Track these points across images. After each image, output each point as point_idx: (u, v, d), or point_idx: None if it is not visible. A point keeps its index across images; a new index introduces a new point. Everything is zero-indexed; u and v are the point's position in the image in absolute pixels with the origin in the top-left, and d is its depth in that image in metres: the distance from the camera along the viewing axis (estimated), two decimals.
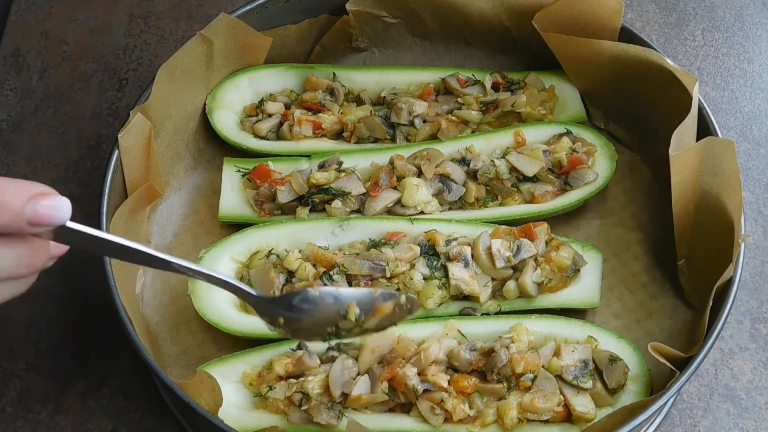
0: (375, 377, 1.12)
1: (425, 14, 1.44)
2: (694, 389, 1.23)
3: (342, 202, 1.29)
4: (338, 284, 1.20)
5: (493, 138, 1.35)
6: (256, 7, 1.37)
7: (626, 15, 1.54)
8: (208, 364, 1.17)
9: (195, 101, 1.36)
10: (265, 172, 1.31)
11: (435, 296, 1.20)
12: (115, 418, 1.20)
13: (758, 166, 1.44)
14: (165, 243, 1.31)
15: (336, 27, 1.44)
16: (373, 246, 1.24)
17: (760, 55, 1.56)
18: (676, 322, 1.24)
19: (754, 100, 1.51)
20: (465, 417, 1.11)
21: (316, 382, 1.12)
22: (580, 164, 1.31)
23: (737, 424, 1.21)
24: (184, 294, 1.23)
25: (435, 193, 1.30)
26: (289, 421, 1.12)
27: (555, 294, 1.23)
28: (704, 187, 1.19)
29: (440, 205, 1.30)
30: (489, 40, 1.44)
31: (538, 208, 1.30)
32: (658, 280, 1.28)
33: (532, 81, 1.41)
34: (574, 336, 1.18)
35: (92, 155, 1.43)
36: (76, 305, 1.29)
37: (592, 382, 1.13)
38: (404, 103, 1.36)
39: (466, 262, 1.21)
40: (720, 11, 1.61)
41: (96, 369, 1.24)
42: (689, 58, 1.56)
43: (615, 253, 1.31)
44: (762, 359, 1.26)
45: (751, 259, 1.34)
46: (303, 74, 1.43)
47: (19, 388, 1.23)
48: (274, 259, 1.23)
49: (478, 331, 1.18)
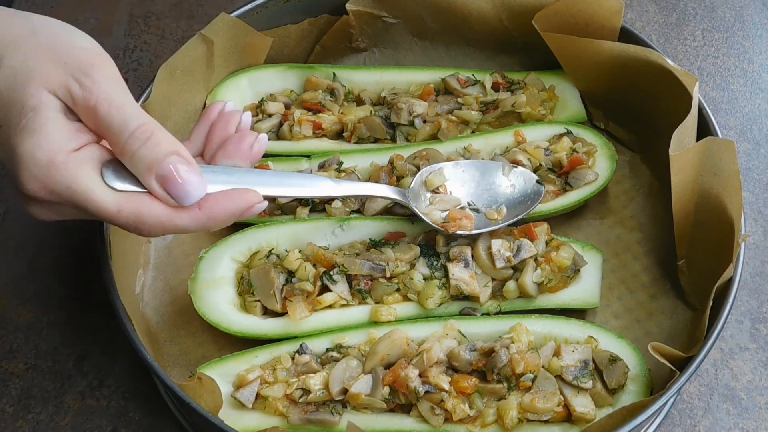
0: (378, 378, 1.12)
1: (425, 14, 1.44)
2: (694, 389, 1.23)
3: (342, 202, 1.29)
4: (338, 284, 1.20)
5: (493, 138, 1.35)
6: (256, 7, 1.37)
7: (626, 15, 1.54)
8: (207, 364, 1.17)
9: (195, 101, 1.36)
10: None
11: (435, 296, 1.20)
12: (115, 418, 1.20)
13: (758, 166, 1.44)
14: (165, 243, 1.31)
15: (336, 27, 1.44)
16: (373, 246, 1.24)
17: (760, 55, 1.56)
18: (676, 322, 1.24)
19: (754, 100, 1.51)
20: (465, 417, 1.11)
21: (318, 379, 1.13)
22: (580, 164, 1.31)
23: (737, 424, 1.21)
24: (184, 294, 1.23)
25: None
26: (288, 421, 1.12)
27: (555, 294, 1.23)
28: (704, 187, 1.19)
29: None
30: (489, 40, 1.44)
31: (538, 208, 1.30)
32: (658, 280, 1.28)
33: (532, 81, 1.41)
34: (574, 336, 1.18)
35: None
36: (76, 305, 1.29)
37: (592, 382, 1.13)
38: (404, 103, 1.36)
39: (466, 262, 1.21)
40: (720, 11, 1.61)
41: (96, 369, 1.24)
42: (689, 58, 1.56)
43: (615, 253, 1.31)
44: (762, 359, 1.26)
45: (751, 259, 1.34)
46: (303, 74, 1.43)
47: (19, 388, 1.23)
48: (274, 259, 1.23)
49: (478, 331, 1.18)
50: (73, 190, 0.85)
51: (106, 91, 0.85)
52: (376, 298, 1.22)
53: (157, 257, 1.29)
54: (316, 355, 1.17)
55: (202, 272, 1.22)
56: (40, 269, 1.32)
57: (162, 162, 0.85)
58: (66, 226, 1.36)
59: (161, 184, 0.86)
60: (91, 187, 0.86)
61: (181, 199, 0.87)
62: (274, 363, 1.16)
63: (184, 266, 1.29)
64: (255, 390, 1.13)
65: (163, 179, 0.86)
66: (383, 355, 1.13)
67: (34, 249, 1.34)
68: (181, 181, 0.86)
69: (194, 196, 0.87)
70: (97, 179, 0.86)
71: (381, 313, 1.19)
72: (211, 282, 1.21)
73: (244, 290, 1.22)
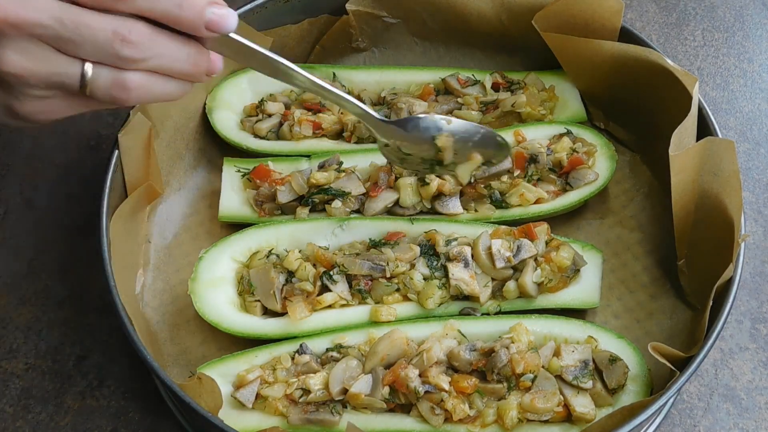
0: (378, 378, 1.12)
1: (425, 14, 1.44)
2: (694, 389, 1.23)
3: (342, 202, 1.29)
4: (338, 284, 1.20)
5: None
6: (256, 7, 1.37)
7: (626, 15, 1.54)
8: (207, 364, 1.17)
9: (195, 101, 1.36)
10: (265, 172, 1.31)
11: (435, 296, 1.20)
12: (115, 418, 1.20)
13: (758, 166, 1.44)
14: (165, 243, 1.31)
15: (336, 27, 1.44)
16: (373, 246, 1.24)
17: (760, 55, 1.56)
18: (676, 322, 1.24)
19: (754, 100, 1.51)
20: (465, 417, 1.11)
21: (318, 379, 1.13)
22: (580, 164, 1.31)
23: (737, 424, 1.21)
24: (184, 294, 1.23)
25: None
26: (288, 422, 1.12)
27: (555, 294, 1.23)
28: (704, 187, 1.19)
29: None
30: (489, 40, 1.44)
31: (538, 208, 1.30)
32: (658, 280, 1.28)
33: (532, 81, 1.41)
34: (574, 336, 1.18)
35: (92, 155, 1.43)
36: (76, 305, 1.29)
37: (592, 382, 1.13)
38: (404, 103, 1.36)
39: (466, 262, 1.21)
40: (720, 11, 1.61)
41: (96, 369, 1.24)
42: (689, 58, 1.56)
43: (615, 253, 1.31)
44: (762, 359, 1.26)
45: (751, 259, 1.34)
46: None
47: (19, 388, 1.23)
48: (274, 259, 1.23)
49: (478, 331, 1.18)
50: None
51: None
52: (376, 298, 1.22)
53: (157, 257, 1.29)
54: (316, 355, 1.17)
55: (202, 272, 1.22)
56: (40, 269, 1.32)
57: (204, 16, 0.92)
58: (66, 226, 1.36)
59: (210, 30, 0.93)
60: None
61: (229, 31, 0.94)
62: (274, 363, 1.16)
63: (184, 266, 1.29)
64: (255, 390, 1.13)
65: (209, 25, 0.93)
66: (383, 355, 1.13)
67: (34, 249, 1.34)
68: (223, 21, 0.93)
69: (234, 24, 0.94)
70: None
71: (381, 313, 1.19)
72: (211, 282, 1.21)
73: (244, 290, 1.22)
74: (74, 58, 0.91)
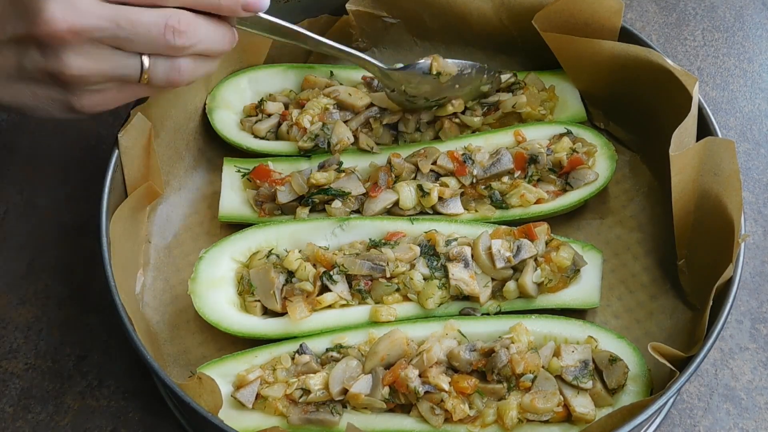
0: (378, 379, 1.12)
1: (425, 14, 1.44)
2: (694, 389, 1.23)
3: (342, 202, 1.29)
4: (338, 284, 1.20)
5: (493, 138, 1.35)
6: None
7: (626, 15, 1.54)
8: (207, 364, 1.17)
9: (195, 101, 1.36)
10: (265, 172, 1.31)
11: (435, 296, 1.20)
12: (115, 418, 1.20)
13: (758, 166, 1.44)
14: (165, 243, 1.31)
15: (336, 27, 1.44)
16: (373, 246, 1.24)
17: (760, 55, 1.56)
18: (676, 322, 1.24)
19: (754, 100, 1.51)
20: (465, 417, 1.11)
21: (318, 379, 1.13)
22: (580, 164, 1.31)
23: (737, 424, 1.21)
24: (184, 294, 1.23)
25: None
26: (288, 421, 1.12)
27: (555, 294, 1.23)
28: (704, 187, 1.19)
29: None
30: (489, 40, 1.44)
31: (538, 208, 1.30)
32: (658, 280, 1.28)
33: (532, 81, 1.41)
34: (574, 336, 1.18)
35: (92, 155, 1.43)
36: (76, 305, 1.29)
37: (592, 382, 1.13)
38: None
39: (466, 263, 1.21)
40: (720, 11, 1.61)
41: (96, 369, 1.24)
42: (689, 58, 1.56)
43: (615, 253, 1.31)
44: (762, 359, 1.26)
45: (751, 259, 1.34)
46: (302, 74, 1.43)
47: (19, 388, 1.23)
48: (274, 259, 1.23)
49: (478, 331, 1.18)
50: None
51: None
52: (376, 298, 1.22)
53: (157, 257, 1.29)
54: (316, 355, 1.17)
55: (202, 272, 1.22)
56: (40, 269, 1.32)
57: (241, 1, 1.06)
58: (66, 226, 1.36)
59: (247, 10, 1.06)
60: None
61: (264, 8, 1.08)
62: (274, 363, 1.16)
63: (184, 266, 1.29)
64: (255, 390, 1.13)
65: (247, 6, 1.06)
66: (383, 355, 1.13)
67: (34, 249, 1.34)
68: (257, 2, 1.07)
69: (268, 2, 1.08)
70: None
71: (381, 313, 1.19)
72: (211, 282, 1.21)
73: (244, 290, 1.22)
74: (131, 53, 1.00)
